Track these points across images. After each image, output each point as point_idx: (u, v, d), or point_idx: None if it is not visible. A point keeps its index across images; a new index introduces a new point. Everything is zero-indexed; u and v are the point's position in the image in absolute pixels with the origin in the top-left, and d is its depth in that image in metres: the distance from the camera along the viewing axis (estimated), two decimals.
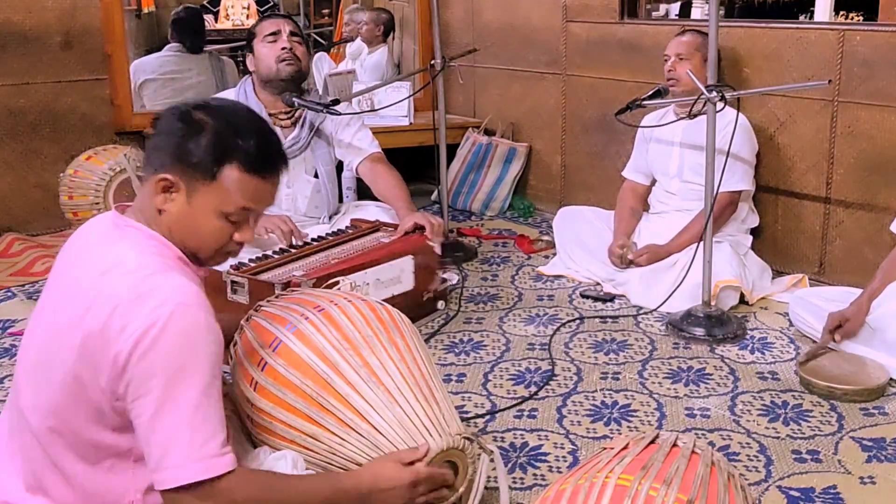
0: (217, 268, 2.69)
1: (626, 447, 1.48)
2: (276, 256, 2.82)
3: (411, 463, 1.64)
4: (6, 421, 1.62)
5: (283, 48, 3.14)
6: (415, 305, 2.90)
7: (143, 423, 1.42)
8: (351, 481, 1.63)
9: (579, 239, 3.50)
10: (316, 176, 3.30)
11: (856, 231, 3.21)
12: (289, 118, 3.24)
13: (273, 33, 3.17)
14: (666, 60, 3.29)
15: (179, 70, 4.91)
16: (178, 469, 1.40)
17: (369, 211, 3.34)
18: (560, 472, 2.09)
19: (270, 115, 3.19)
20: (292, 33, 3.19)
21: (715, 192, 2.84)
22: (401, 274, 2.87)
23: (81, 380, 1.45)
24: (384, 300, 2.06)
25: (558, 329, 2.96)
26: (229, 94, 3.26)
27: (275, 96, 3.19)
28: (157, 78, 4.81)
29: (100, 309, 1.43)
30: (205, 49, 5.11)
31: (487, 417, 2.37)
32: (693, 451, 1.47)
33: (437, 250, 3.01)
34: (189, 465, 1.40)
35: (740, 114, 3.22)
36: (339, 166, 3.46)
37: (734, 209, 3.27)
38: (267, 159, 1.57)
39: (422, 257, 2.94)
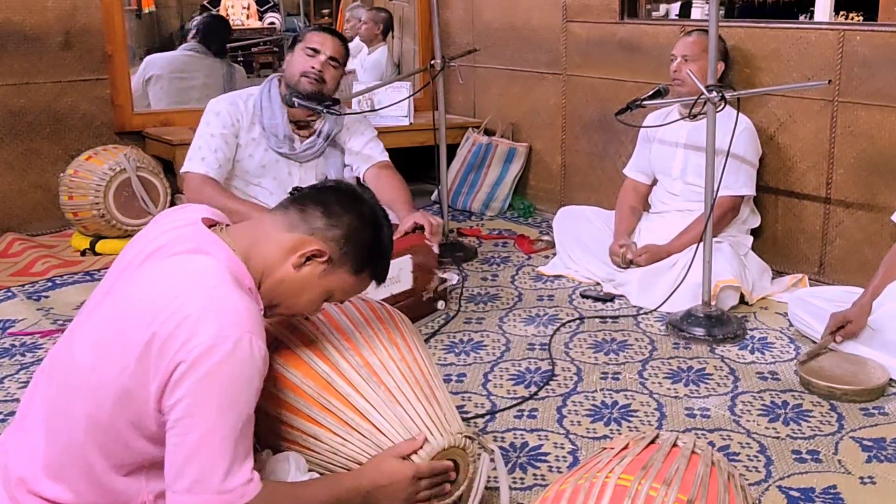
0: None
1: (626, 447, 1.48)
2: None
3: (410, 455, 1.66)
4: (44, 396, 1.60)
5: (313, 67, 3.11)
6: (415, 305, 2.91)
7: (184, 443, 1.43)
8: (352, 481, 1.64)
9: (579, 239, 3.50)
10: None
11: (856, 231, 3.21)
12: (306, 126, 3.25)
13: (314, 49, 3.13)
14: (672, 60, 3.28)
15: (189, 70, 4.91)
16: (211, 495, 1.42)
17: None
18: (560, 472, 2.09)
19: (291, 121, 3.20)
20: (332, 58, 3.14)
21: (715, 191, 2.85)
22: (399, 273, 2.87)
23: (132, 378, 1.46)
24: (383, 299, 2.06)
25: (558, 329, 2.96)
26: (252, 91, 3.25)
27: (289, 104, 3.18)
28: (165, 75, 4.81)
29: (172, 316, 1.44)
30: (226, 55, 5.13)
31: (487, 417, 2.38)
32: (693, 451, 1.47)
33: (436, 250, 3.02)
34: (223, 494, 1.43)
35: (746, 117, 3.23)
36: None
37: (736, 213, 3.27)
38: (385, 277, 1.74)
39: (420, 256, 2.94)
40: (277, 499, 1.54)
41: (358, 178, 3.44)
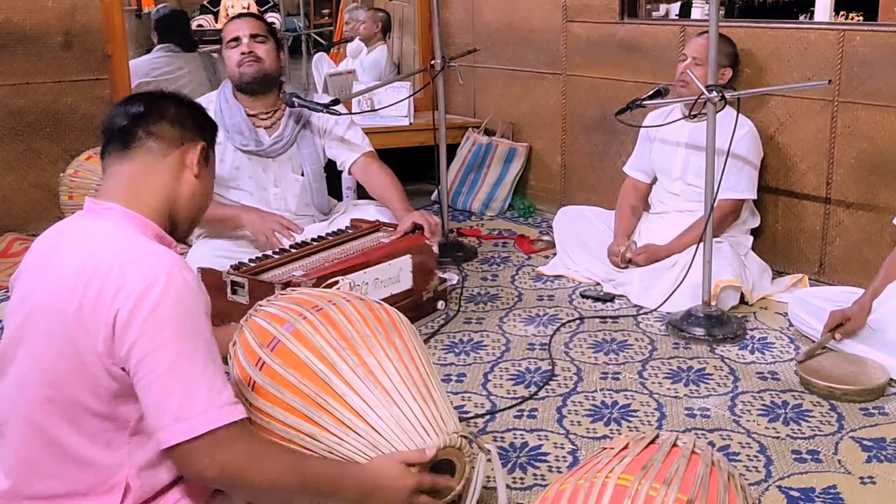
0: (216, 268, 2.71)
1: (626, 447, 1.48)
2: (275, 256, 2.82)
3: (416, 465, 1.65)
4: None
5: (242, 53, 3.13)
6: (415, 305, 2.91)
7: (157, 378, 1.43)
8: (357, 472, 1.63)
9: (579, 239, 3.50)
10: (303, 174, 3.30)
11: (856, 231, 3.21)
12: (268, 118, 3.24)
13: (234, 39, 3.16)
14: (682, 60, 3.25)
15: (172, 70, 4.92)
16: (202, 416, 1.42)
17: (368, 211, 3.34)
18: (560, 472, 2.09)
19: (249, 115, 3.20)
20: (253, 35, 3.16)
21: (715, 191, 2.84)
22: (399, 273, 2.87)
23: (78, 348, 1.46)
24: (383, 299, 2.06)
25: (558, 329, 2.96)
26: (211, 96, 3.26)
27: (252, 97, 3.20)
28: (151, 80, 4.81)
29: (93, 278, 1.46)
30: (197, 48, 5.13)
31: (487, 417, 2.37)
32: (693, 451, 1.47)
33: (435, 249, 3.02)
34: (210, 412, 1.43)
35: (749, 120, 3.22)
36: (333, 165, 3.45)
37: (737, 216, 3.26)
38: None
39: (419, 256, 2.94)
40: (281, 449, 1.57)
41: (343, 172, 3.43)
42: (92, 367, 1.46)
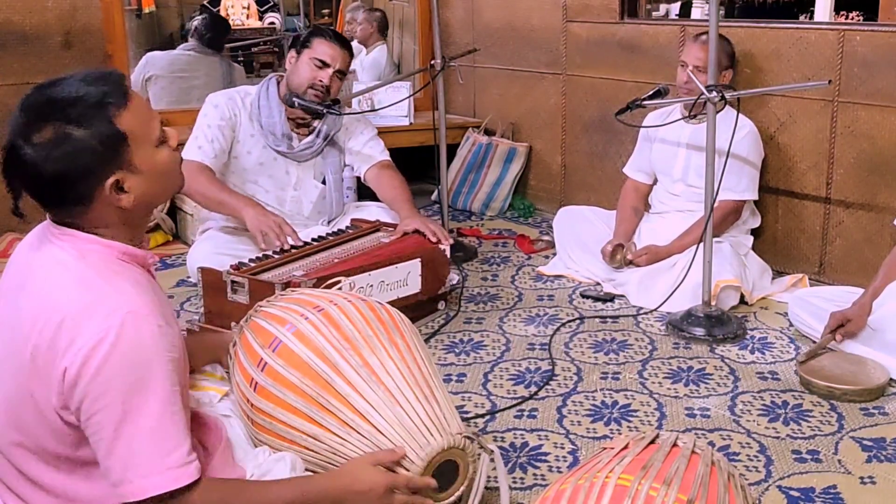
0: (216, 268, 2.71)
1: (626, 447, 1.49)
2: (276, 256, 2.82)
3: (390, 465, 1.64)
4: None
5: (320, 80, 3.13)
6: (415, 305, 2.90)
7: (103, 439, 1.39)
8: (325, 483, 1.62)
9: (579, 239, 3.50)
10: (324, 182, 3.31)
11: (856, 231, 3.21)
12: (305, 125, 3.26)
13: (323, 62, 3.14)
14: (683, 67, 3.21)
15: (189, 70, 4.93)
16: (142, 481, 1.38)
17: (370, 211, 3.35)
18: (560, 472, 2.09)
19: (289, 119, 3.22)
20: (340, 71, 3.17)
21: (715, 191, 2.84)
22: (407, 277, 2.86)
23: (34, 396, 1.42)
24: (389, 302, 2.05)
25: (558, 329, 2.96)
26: (250, 90, 3.27)
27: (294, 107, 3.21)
28: (166, 75, 4.82)
29: (46, 324, 1.40)
30: (223, 51, 5.16)
31: (487, 417, 2.38)
32: (693, 451, 1.47)
33: (447, 252, 3.02)
34: (152, 476, 1.38)
35: (750, 121, 3.23)
36: None
37: (738, 217, 3.26)
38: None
39: (431, 262, 2.92)
40: (238, 490, 1.51)
41: (358, 178, 3.46)
42: (49, 416, 1.43)
